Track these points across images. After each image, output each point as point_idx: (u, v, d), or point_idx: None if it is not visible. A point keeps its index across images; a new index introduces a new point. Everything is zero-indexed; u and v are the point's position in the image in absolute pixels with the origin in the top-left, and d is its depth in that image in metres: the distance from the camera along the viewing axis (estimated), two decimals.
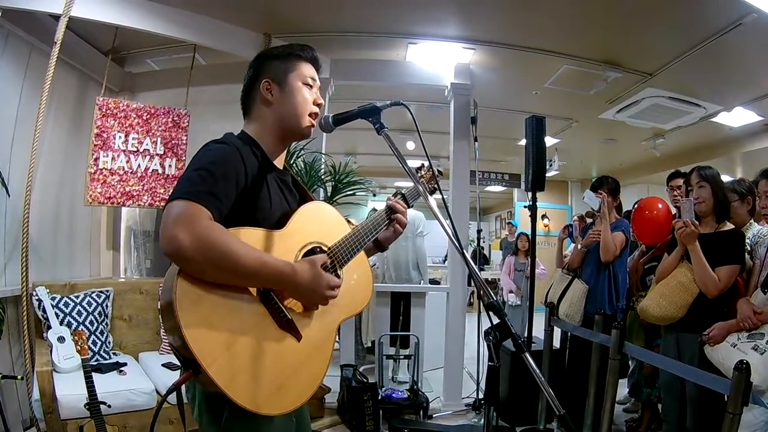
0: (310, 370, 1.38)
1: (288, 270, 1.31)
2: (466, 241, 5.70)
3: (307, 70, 1.56)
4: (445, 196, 1.68)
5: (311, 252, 1.44)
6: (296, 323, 1.35)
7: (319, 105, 1.57)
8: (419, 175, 1.80)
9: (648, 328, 3.62)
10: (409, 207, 1.75)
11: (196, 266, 1.17)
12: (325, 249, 1.49)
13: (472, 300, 8.47)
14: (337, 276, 1.47)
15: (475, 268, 1.27)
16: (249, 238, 1.29)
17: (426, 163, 1.80)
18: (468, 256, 1.33)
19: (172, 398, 3.23)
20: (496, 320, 1.23)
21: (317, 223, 1.52)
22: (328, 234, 1.52)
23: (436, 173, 1.83)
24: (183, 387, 1.26)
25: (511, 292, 6.69)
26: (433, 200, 1.48)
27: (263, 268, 1.25)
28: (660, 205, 3.60)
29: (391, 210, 1.69)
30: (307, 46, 1.59)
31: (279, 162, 1.57)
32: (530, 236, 4.26)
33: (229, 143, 1.38)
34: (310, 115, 1.54)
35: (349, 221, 1.64)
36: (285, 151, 1.62)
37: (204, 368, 1.14)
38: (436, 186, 1.78)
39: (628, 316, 3.73)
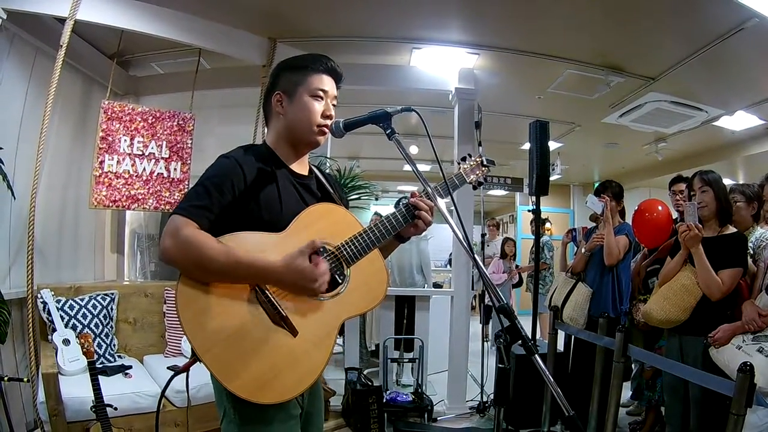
0: (308, 362, 1.43)
1: (264, 265, 1.38)
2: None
3: (318, 82, 1.57)
4: (454, 200, 1.60)
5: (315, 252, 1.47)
6: (292, 319, 1.41)
7: (329, 117, 1.58)
8: (464, 165, 1.73)
9: (646, 333, 3.62)
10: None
11: (183, 268, 1.35)
12: (331, 249, 1.50)
13: (474, 304, 8.45)
14: (343, 275, 1.51)
15: (486, 272, 1.29)
16: (246, 241, 1.41)
17: (477, 154, 1.75)
18: (479, 260, 1.34)
19: (180, 401, 3.21)
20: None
21: (324, 223, 1.53)
22: (336, 234, 1.52)
23: (485, 163, 1.75)
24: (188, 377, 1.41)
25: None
26: (443, 203, 1.49)
27: (238, 265, 1.35)
28: (660, 207, 3.60)
29: (414, 207, 1.57)
30: (321, 58, 1.60)
31: (299, 166, 1.63)
32: (534, 240, 4.27)
33: (230, 157, 1.49)
34: (318, 126, 1.57)
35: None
36: (306, 156, 1.67)
37: (199, 356, 1.33)
38: (481, 179, 1.71)
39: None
